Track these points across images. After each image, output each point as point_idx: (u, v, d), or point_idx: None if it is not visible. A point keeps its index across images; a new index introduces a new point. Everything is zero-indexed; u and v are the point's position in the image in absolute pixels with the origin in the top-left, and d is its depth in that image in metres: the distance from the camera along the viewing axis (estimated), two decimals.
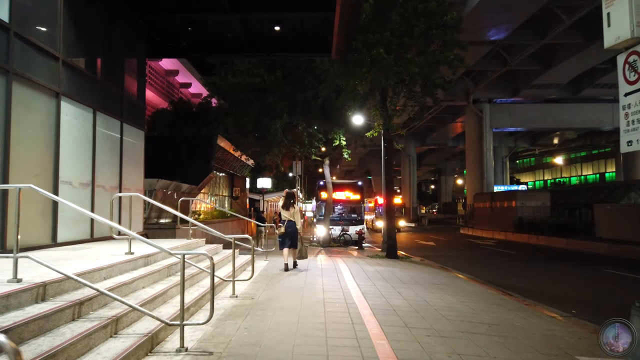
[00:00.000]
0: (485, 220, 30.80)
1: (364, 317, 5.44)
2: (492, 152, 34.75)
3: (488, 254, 18.21)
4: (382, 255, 14.24)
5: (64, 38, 7.80)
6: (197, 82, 43.33)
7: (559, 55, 28.42)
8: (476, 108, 34.31)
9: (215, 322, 5.02)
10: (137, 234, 10.72)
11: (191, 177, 18.54)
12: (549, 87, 32.58)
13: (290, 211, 9.35)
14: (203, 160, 19.26)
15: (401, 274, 9.98)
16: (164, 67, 40.29)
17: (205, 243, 10.04)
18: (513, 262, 15.62)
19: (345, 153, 18.63)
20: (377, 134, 14.58)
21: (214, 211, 21.75)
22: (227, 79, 17.56)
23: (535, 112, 35.23)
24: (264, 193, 31.71)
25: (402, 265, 12.15)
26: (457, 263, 14.01)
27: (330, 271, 9.77)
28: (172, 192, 16.35)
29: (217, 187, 25.64)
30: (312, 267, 10.56)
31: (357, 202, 22.43)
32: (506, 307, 7.06)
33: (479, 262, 15.40)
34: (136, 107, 11.26)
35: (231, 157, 25.03)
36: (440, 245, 22.89)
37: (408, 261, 13.63)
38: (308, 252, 16.57)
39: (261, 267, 9.83)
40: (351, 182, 23.91)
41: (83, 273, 4.64)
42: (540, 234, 23.17)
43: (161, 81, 50.99)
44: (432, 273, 10.81)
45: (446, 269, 12.21)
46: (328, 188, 19.79)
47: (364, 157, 78.72)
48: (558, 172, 73.88)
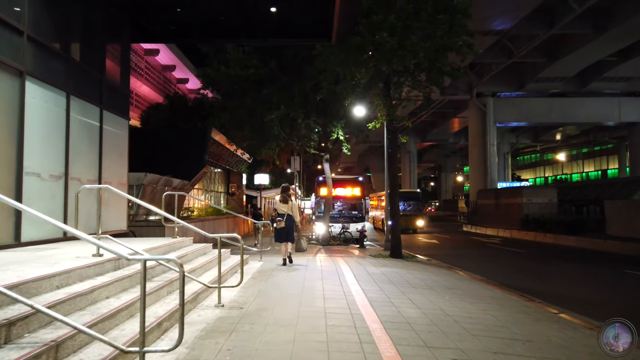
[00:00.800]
0: (490, 218, 29.91)
1: (373, 333, 4.53)
2: (496, 147, 33.79)
3: (497, 253, 17.32)
4: (386, 255, 13.35)
5: (30, 10, 6.85)
6: (195, 78, 42.34)
7: (566, 47, 27.50)
8: (480, 102, 33.36)
9: (192, 341, 4.11)
10: (119, 232, 9.82)
11: (184, 172, 17.60)
12: (555, 80, 31.65)
13: (289, 204, 9.37)
14: (196, 155, 18.31)
15: (409, 276, 9.08)
16: (161, 62, 39.34)
17: (194, 242, 9.11)
18: (525, 262, 14.73)
19: (345, 148, 17.69)
20: (380, 125, 13.66)
21: (208, 208, 20.83)
22: (220, 69, 16.61)
23: (540, 106, 34.28)
24: (261, 189, 30.79)
25: (409, 266, 11.26)
26: (466, 263, 13.13)
27: (331, 273, 8.87)
28: (162, 188, 15.42)
29: (213, 183, 24.71)
30: (311, 267, 9.65)
31: (358, 199, 21.47)
32: (534, 316, 6.16)
33: (489, 262, 14.51)
34: (119, 93, 10.32)
35: (227, 152, 24.09)
36: (444, 243, 22.00)
37: (414, 261, 12.74)
38: (307, 251, 15.69)
39: (254, 269, 8.91)
40: (352, 177, 22.95)
41: (26, 282, 3.73)
42: (547, 232, 22.29)
43: (158, 77, 50.07)
44: (442, 275, 9.90)
45: (456, 269, 11.31)
46: (328, 184, 18.86)
47: (364, 153, 77.98)
48: (559, 169, 73.29)
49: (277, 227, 9.43)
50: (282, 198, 9.47)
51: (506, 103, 34.15)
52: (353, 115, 17.73)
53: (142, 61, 45.25)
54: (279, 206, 9.48)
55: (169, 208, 16.93)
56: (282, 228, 9.34)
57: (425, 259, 13.82)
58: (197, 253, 7.93)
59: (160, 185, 15.04)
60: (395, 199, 13.33)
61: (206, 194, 23.73)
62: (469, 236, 26.72)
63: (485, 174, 32.96)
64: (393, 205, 13.30)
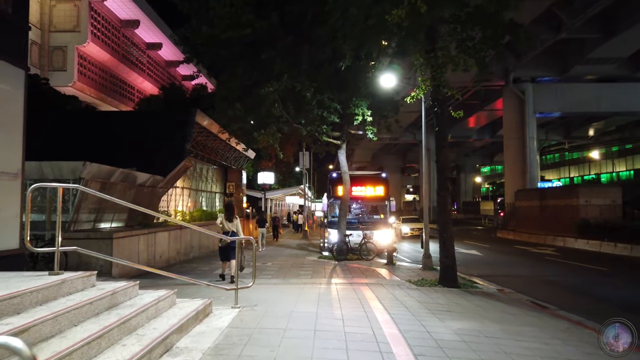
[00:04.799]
0: (531, 222, 25.42)
1: None
2: (536, 141, 29.26)
3: (569, 272, 12.93)
4: (433, 281, 9.13)
5: None
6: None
7: (626, 19, 22.95)
8: (517, 89, 28.83)
9: None
10: (4, 254, 5.80)
11: (158, 165, 13.61)
12: (607, 61, 27.07)
13: (234, 222, 9.37)
14: (175, 144, 14.24)
15: (511, 343, 4.86)
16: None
17: (122, 275, 4.99)
18: (627, 289, 10.38)
19: (369, 132, 13.49)
20: (423, 94, 9.46)
21: (194, 211, 16.74)
22: (200, 30, 12.59)
23: (588, 93, 29.61)
24: (265, 190, 26.72)
25: (482, 306, 7.03)
26: (547, 293, 8.93)
27: (363, 339, 4.68)
28: (123, 185, 11.39)
29: (204, 181, 20.65)
30: (324, 316, 5.50)
31: (381, 200, 17.13)
32: None
33: (574, 289, 10.19)
34: (7, 25, 6.29)
35: (222, 144, 20.05)
36: (487, 255, 17.64)
37: (479, 293, 8.48)
38: (317, 268, 11.59)
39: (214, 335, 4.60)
40: (373, 173, 18.64)
41: None
42: (618, 241, 17.81)
43: (161, 72, 46.68)
44: (559, 335, 5.64)
45: (560, 315, 7.07)
46: (344, 180, 14.67)
47: (377, 153, 73.96)
48: (586, 169, 68.54)
49: (222, 245, 9.27)
50: (227, 216, 9.42)
51: (547, 90, 29.55)
52: (378, 90, 13.60)
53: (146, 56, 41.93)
54: (226, 224, 9.34)
55: (136, 212, 12.89)
56: (227, 246, 9.16)
57: (493, 287, 9.54)
58: (91, 309, 3.81)
59: (118, 181, 10.99)
60: (446, 199, 9.11)
61: (197, 194, 19.68)
62: (510, 245, 22.25)
63: (524, 171, 28.40)
64: (443, 208, 9.05)
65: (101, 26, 34.66)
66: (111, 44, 36.03)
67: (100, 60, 34.97)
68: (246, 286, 5.78)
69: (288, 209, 50.90)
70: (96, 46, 33.65)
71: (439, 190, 9.27)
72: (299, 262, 13.59)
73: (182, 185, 17.48)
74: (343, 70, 13.07)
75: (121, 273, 9.60)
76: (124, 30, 37.88)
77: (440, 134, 9.35)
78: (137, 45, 40.37)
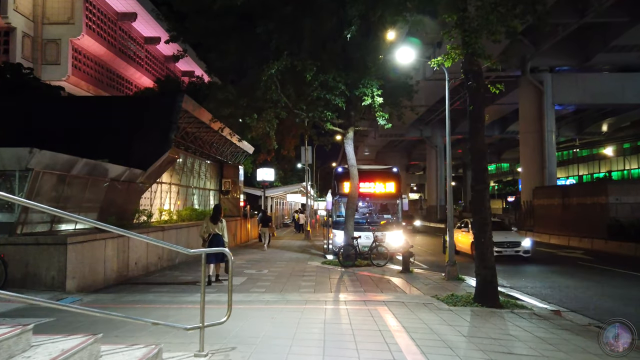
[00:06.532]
0: (552, 222, 23.50)
1: None
2: (555, 135, 27.30)
3: (623, 282, 11.01)
4: (466, 297, 7.27)
5: None
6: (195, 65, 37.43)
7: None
8: (535, 79, 26.85)
9: None
10: None
11: (138, 157, 11.80)
12: (633, 49, 25.10)
13: (219, 225, 9.15)
14: (158, 133, 12.39)
15: None
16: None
17: None
18: None
19: (379, 118, 11.61)
20: (454, 62, 7.61)
21: (182, 211, 14.90)
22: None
23: (610, 83, 27.62)
24: (265, 187, 24.87)
25: (548, 339, 5.17)
26: (616, 311, 7.06)
27: None
28: (90, 179, 9.57)
29: (196, 177, 18.81)
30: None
31: (393, 197, 15.22)
32: None
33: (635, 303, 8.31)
34: None
35: (217, 137, 18.26)
36: (507, 259, 15.72)
37: (529, 315, 6.60)
38: (321, 278, 9.76)
39: None
40: (383, 168, 16.72)
41: None
42: None
43: (160, 67, 44.91)
44: None
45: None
46: (352, 175, 12.82)
47: (382, 150, 72.11)
48: (595, 167, 66.72)
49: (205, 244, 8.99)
50: (212, 218, 9.24)
51: (567, 80, 27.55)
52: (391, 71, 11.78)
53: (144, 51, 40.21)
54: (211, 227, 9.10)
55: (109, 210, 11.10)
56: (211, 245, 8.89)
57: (543, 305, 7.64)
58: None
59: (82, 175, 9.16)
60: (484, 194, 7.24)
61: (187, 191, 17.86)
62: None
63: (543, 167, 26.43)
64: (481, 205, 7.17)
65: (96, 18, 32.95)
66: (107, 37, 34.30)
67: (95, 53, 33.27)
68: (218, 322, 3.91)
69: (289, 207, 49.08)
70: (91, 39, 31.93)
71: (474, 183, 7.40)
72: (299, 268, 11.78)
73: (170, 181, 15.65)
74: (351, 48, 11.27)
75: (80, 286, 7.79)
76: (120, 23, 36.14)
77: (475, 114, 7.47)
78: (134, 39, 38.66)
